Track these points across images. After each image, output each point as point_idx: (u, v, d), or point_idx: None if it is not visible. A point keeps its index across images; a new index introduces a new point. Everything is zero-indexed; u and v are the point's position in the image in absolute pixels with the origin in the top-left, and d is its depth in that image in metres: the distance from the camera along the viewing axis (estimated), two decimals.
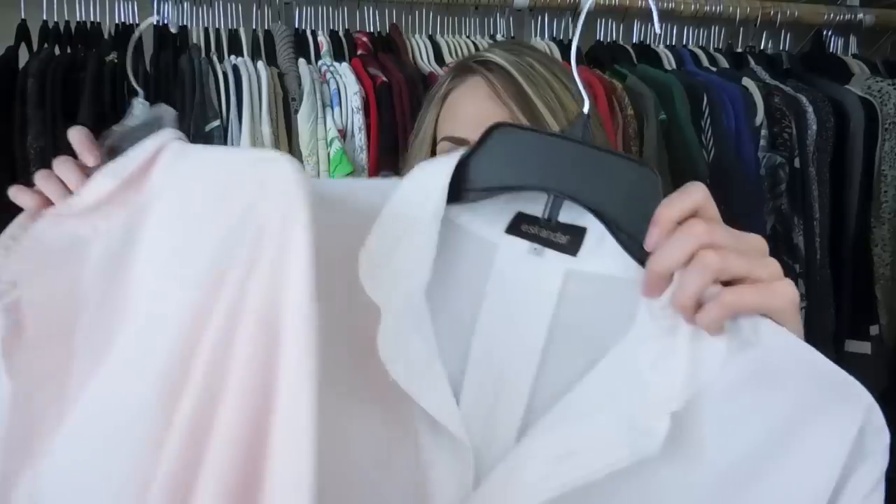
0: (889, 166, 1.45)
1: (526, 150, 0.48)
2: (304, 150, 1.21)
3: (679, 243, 0.42)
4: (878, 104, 1.44)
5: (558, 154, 0.47)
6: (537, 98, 0.73)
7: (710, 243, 0.42)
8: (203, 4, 1.34)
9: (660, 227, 0.43)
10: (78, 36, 1.28)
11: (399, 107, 1.23)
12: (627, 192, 0.46)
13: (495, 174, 0.49)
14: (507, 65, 0.75)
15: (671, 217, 0.43)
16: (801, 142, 1.37)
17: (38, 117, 1.12)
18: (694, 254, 0.42)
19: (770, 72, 1.49)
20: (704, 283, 0.42)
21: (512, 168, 0.48)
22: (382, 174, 1.19)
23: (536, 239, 0.51)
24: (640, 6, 1.50)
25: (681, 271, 0.43)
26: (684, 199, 0.44)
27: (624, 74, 1.38)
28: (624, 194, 0.46)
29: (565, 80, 0.76)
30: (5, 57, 1.20)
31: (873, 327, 1.44)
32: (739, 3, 1.54)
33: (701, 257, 0.42)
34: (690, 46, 1.57)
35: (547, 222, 0.51)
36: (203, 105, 1.18)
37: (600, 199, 0.46)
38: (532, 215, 0.51)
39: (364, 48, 1.38)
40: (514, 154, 0.48)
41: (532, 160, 0.48)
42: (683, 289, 0.42)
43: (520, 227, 0.51)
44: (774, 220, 1.37)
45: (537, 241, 0.51)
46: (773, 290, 0.43)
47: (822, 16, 1.61)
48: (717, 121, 1.32)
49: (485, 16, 1.49)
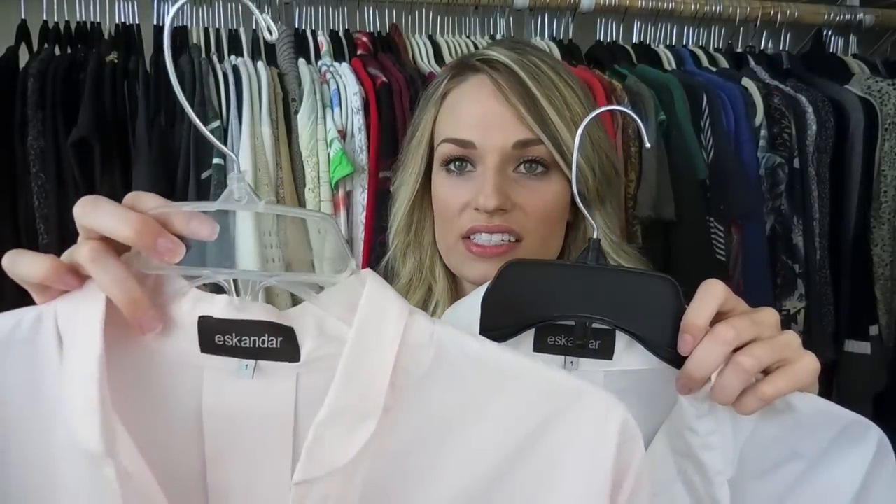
0: (889, 166, 1.45)
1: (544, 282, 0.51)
2: (303, 150, 1.21)
3: (713, 352, 0.47)
4: (878, 104, 1.44)
5: (576, 281, 0.51)
6: (544, 98, 0.71)
7: (739, 345, 0.47)
8: (203, 4, 1.34)
9: (692, 335, 0.47)
10: (78, 36, 1.28)
11: (399, 107, 1.23)
12: (649, 303, 0.50)
13: (518, 311, 0.51)
14: (513, 64, 0.72)
15: (699, 325, 0.47)
16: (800, 142, 1.37)
17: (38, 117, 1.12)
18: (728, 357, 0.47)
19: (770, 72, 1.49)
20: (742, 383, 0.47)
21: (534, 301, 0.51)
22: (382, 175, 1.20)
23: (568, 351, 0.52)
24: (640, 6, 1.50)
25: (718, 373, 0.47)
26: (709, 303, 0.48)
27: (624, 74, 1.38)
28: (646, 305, 0.50)
29: (569, 79, 0.75)
30: (5, 57, 1.20)
31: (873, 327, 1.44)
32: (739, 3, 1.54)
33: (737, 363, 0.47)
34: (690, 46, 1.57)
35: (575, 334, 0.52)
36: (203, 105, 1.19)
37: (624, 314, 0.50)
38: (556, 325, 0.52)
39: (364, 48, 1.38)
40: (533, 287, 0.51)
41: (552, 291, 0.51)
42: (724, 390, 0.47)
43: (547, 342, 0.53)
44: (774, 220, 1.37)
45: (569, 353, 0.52)
46: (799, 371, 0.48)
47: (822, 16, 1.61)
48: (716, 121, 1.32)
49: (485, 16, 1.49)
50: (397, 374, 0.42)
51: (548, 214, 0.73)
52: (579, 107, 0.73)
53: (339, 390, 0.41)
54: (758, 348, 0.47)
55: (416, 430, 0.44)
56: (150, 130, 1.16)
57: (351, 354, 0.41)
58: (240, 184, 0.41)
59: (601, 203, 0.76)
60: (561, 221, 0.77)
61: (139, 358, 0.43)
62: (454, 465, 0.45)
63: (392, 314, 0.43)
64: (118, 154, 1.16)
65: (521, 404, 0.44)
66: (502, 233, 0.71)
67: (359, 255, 1.24)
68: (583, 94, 0.75)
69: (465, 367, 0.44)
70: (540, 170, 0.73)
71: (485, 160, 0.72)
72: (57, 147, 1.13)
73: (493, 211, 0.70)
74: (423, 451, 0.44)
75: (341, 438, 0.41)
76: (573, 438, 0.44)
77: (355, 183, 1.24)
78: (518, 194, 0.72)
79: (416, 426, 0.44)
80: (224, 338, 0.42)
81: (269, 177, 1.19)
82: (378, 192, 1.21)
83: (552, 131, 0.71)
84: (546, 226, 0.74)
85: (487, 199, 0.69)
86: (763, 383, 0.47)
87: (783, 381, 0.47)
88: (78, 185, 1.13)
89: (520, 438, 0.44)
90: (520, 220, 0.72)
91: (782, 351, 0.48)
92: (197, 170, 1.17)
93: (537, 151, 0.72)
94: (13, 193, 1.15)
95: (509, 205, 0.71)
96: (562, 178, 0.73)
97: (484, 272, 0.72)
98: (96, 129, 1.12)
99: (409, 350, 0.43)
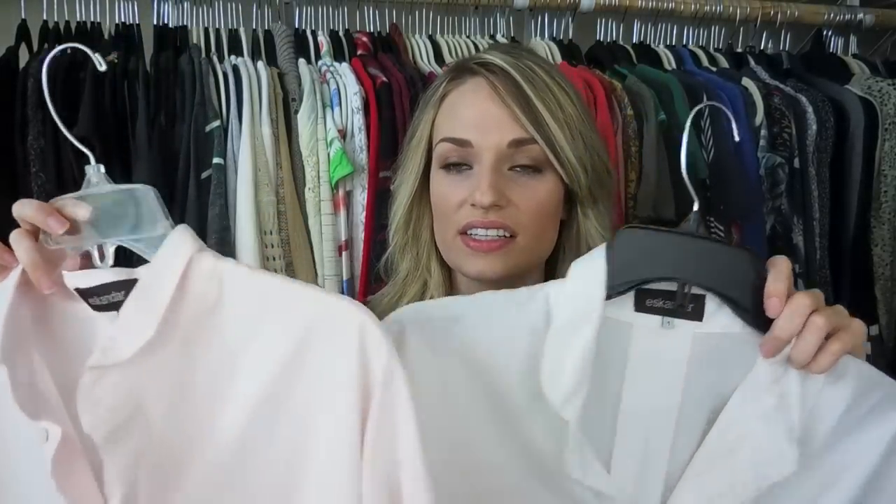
0: (889, 166, 1.45)
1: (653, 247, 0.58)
2: (303, 150, 1.21)
3: (797, 316, 0.55)
4: (878, 104, 1.44)
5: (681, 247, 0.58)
6: (538, 100, 0.74)
7: (814, 310, 0.55)
8: (203, 4, 1.34)
9: (779, 299, 0.55)
10: (78, 36, 1.28)
11: (399, 107, 1.23)
12: (737, 272, 0.57)
13: (632, 271, 0.58)
14: (509, 67, 0.76)
15: (784, 291, 0.55)
16: (800, 142, 1.37)
17: (38, 117, 1.12)
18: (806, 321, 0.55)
19: (770, 72, 1.49)
20: (818, 342, 0.55)
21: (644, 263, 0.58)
22: (382, 175, 1.20)
23: (666, 312, 0.59)
24: (640, 6, 1.50)
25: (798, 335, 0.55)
26: (786, 274, 0.56)
27: (624, 74, 1.38)
28: (735, 274, 0.57)
29: (563, 83, 0.78)
30: (5, 57, 1.20)
31: (873, 327, 1.44)
32: (739, 3, 1.54)
33: (814, 323, 0.54)
34: (690, 46, 1.57)
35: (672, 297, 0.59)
36: (203, 105, 1.19)
37: (718, 280, 0.57)
38: (655, 290, 0.58)
39: (364, 48, 1.38)
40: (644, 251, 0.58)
41: (660, 255, 0.58)
42: (804, 349, 0.55)
43: (645, 304, 0.59)
44: (774, 220, 1.37)
45: (667, 313, 0.59)
46: (855, 332, 0.57)
47: (822, 16, 1.61)
48: (716, 121, 1.32)
49: (485, 16, 1.49)
50: (184, 299, 0.55)
51: (541, 212, 0.77)
52: (572, 109, 0.77)
53: (129, 306, 0.55)
54: (826, 312, 0.55)
55: (202, 350, 0.56)
56: (150, 130, 1.16)
57: (142, 283, 0.55)
58: (98, 173, 0.59)
59: (594, 202, 0.80)
60: (554, 219, 0.80)
61: (44, 308, 0.59)
62: (242, 376, 0.56)
63: (182, 253, 0.56)
64: (118, 154, 1.16)
65: (288, 324, 0.55)
66: (497, 228, 0.75)
67: (359, 255, 1.24)
68: (576, 97, 0.79)
69: (243, 295, 0.56)
70: (534, 168, 0.76)
71: (481, 159, 0.75)
72: (57, 147, 1.13)
73: (488, 207, 0.73)
74: (208, 369, 0.56)
75: (127, 341, 0.55)
76: (326, 351, 0.54)
77: (355, 183, 1.24)
78: (513, 192, 0.75)
79: (200, 347, 0.56)
80: (91, 298, 0.57)
81: (269, 177, 1.19)
82: (378, 191, 1.21)
83: (546, 131, 0.74)
84: (539, 223, 0.77)
85: (483, 196, 0.73)
86: (831, 342, 0.55)
87: (848, 341, 0.55)
88: (78, 185, 1.12)
89: (289, 355, 0.55)
90: (514, 216, 0.75)
91: (839, 316, 0.56)
92: (197, 170, 1.17)
93: (531, 151, 0.75)
94: (13, 193, 1.15)
95: (504, 201, 0.74)
96: (555, 176, 0.77)
97: (480, 267, 0.76)
98: (96, 129, 1.12)
99: (193, 280, 0.55)
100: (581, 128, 0.77)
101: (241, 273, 0.56)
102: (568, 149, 0.75)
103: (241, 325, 0.56)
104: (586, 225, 0.80)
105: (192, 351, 0.56)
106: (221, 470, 0.57)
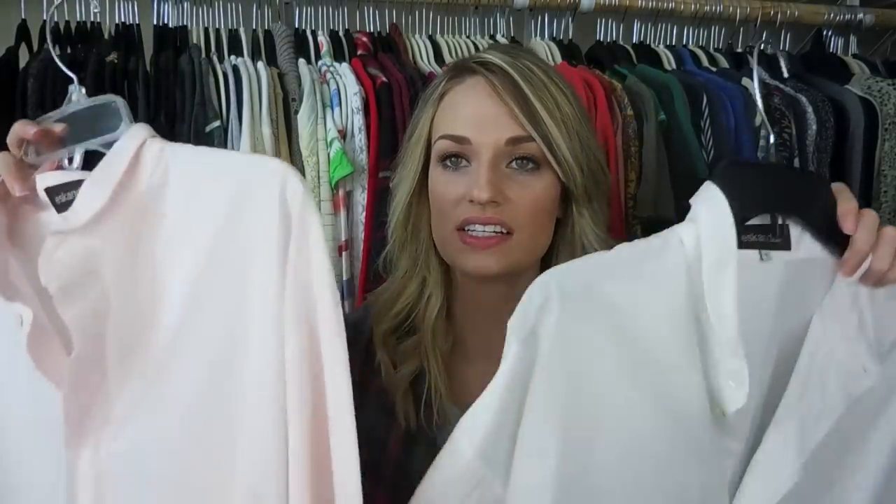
0: (889, 166, 1.45)
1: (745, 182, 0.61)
2: (304, 150, 1.21)
3: (871, 231, 0.61)
4: (878, 104, 1.44)
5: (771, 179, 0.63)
6: (535, 99, 0.76)
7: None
8: (203, 4, 1.34)
9: (855, 217, 0.61)
10: (78, 36, 1.28)
11: (399, 107, 1.23)
12: (815, 197, 0.63)
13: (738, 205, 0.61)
14: (507, 66, 0.77)
15: (857, 210, 0.61)
16: (800, 142, 1.37)
17: (38, 117, 1.11)
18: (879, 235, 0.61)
19: (770, 72, 1.49)
20: (894, 253, 0.61)
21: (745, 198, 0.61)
22: (382, 175, 1.20)
23: (760, 245, 0.62)
24: (640, 6, 1.50)
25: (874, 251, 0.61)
26: (852, 196, 0.62)
27: (624, 74, 1.38)
28: (813, 199, 0.63)
29: (560, 83, 0.79)
30: (5, 57, 1.20)
31: None
32: (739, 3, 1.54)
33: (887, 234, 0.61)
34: (690, 46, 1.57)
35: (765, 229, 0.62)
36: (203, 105, 1.19)
37: (803, 210, 0.62)
38: (751, 225, 0.61)
39: (364, 48, 1.38)
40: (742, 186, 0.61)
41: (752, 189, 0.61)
42: (884, 258, 0.60)
43: (741, 240, 0.61)
44: None
45: (761, 246, 0.62)
46: None
47: (822, 16, 1.61)
48: (716, 121, 1.32)
49: (485, 16, 1.49)
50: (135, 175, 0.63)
51: (538, 209, 0.78)
52: (569, 108, 0.78)
53: (87, 183, 0.63)
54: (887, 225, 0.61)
55: (151, 220, 0.63)
56: None
57: (100, 165, 0.63)
58: (79, 93, 0.71)
59: (589, 201, 0.81)
60: (551, 217, 0.81)
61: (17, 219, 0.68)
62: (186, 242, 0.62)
63: (135, 139, 0.63)
64: None
65: (222, 187, 0.61)
66: (494, 225, 0.75)
67: (360, 255, 1.24)
68: (573, 97, 0.80)
69: (187, 168, 0.63)
70: (531, 166, 0.77)
71: (479, 155, 0.76)
72: None
73: (486, 203, 0.74)
74: (157, 237, 0.63)
75: (84, 208, 0.62)
76: (255, 205, 0.59)
77: (355, 183, 1.24)
78: (510, 188, 0.76)
79: (148, 217, 0.63)
80: (57, 196, 0.66)
81: None
82: (378, 191, 1.21)
83: (543, 129, 0.75)
84: (536, 220, 0.78)
85: (481, 192, 0.74)
86: None
87: None
88: None
89: (223, 216, 0.61)
90: (511, 213, 0.76)
91: None
92: None
93: (529, 148, 0.77)
94: None
95: (501, 198, 0.75)
96: (552, 174, 0.78)
97: (477, 263, 0.77)
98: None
99: (143, 160, 0.63)
100: (577, 127, 0.78)
101: (185, 150, 0.65)
102: (564, 147, 0.76)
103: (184, 196, 0.62)
104: (581, 223, 0.81)
105: (142, 220, 0.63)
106: (173, 332, 0.63)
